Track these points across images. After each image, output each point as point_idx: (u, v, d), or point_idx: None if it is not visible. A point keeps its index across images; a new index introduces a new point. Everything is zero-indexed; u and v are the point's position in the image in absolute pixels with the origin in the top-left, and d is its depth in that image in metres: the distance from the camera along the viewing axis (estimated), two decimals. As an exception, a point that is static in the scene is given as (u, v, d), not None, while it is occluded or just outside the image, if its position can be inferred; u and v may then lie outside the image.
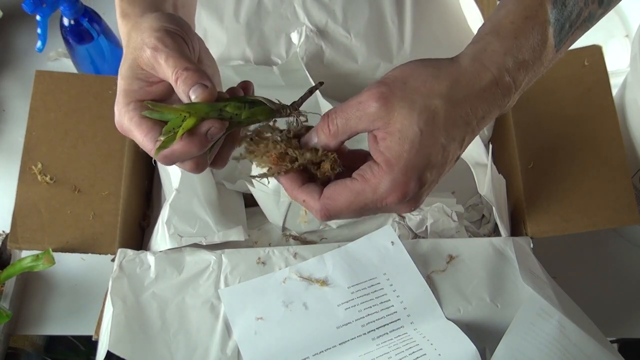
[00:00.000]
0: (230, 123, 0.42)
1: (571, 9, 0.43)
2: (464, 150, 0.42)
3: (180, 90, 0.41)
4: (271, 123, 0.44)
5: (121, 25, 0.48)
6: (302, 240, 0.70)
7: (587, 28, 0.46)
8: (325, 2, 0.73)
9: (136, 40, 0.43)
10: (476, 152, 0.66)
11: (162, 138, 0.41)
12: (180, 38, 0.43)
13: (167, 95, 0.46)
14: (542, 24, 0.41)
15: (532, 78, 0.43)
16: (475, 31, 0.70)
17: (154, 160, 0.44)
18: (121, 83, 0.45)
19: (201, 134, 0.41)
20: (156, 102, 0.44)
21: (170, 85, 0.44)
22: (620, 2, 0.93)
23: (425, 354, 0.53)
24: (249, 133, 0.45)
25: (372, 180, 0.40)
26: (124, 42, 0.47)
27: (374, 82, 0.41)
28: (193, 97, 0.41)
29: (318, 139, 0.42)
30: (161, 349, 0.57)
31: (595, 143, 0.66)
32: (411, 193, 0.40)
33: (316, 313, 0.58)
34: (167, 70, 0.42)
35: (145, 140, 0.43)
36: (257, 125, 0.44)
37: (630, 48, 0.85)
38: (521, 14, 0.41)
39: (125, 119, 0.44)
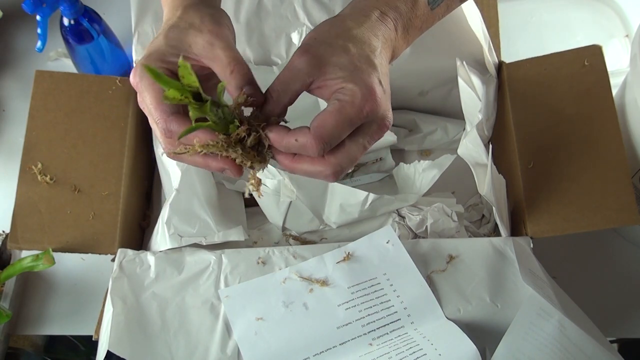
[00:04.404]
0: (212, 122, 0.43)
1: None
2: (389, 62, 0.49)
3: (233, 82, 0.45)
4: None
5: None
6: (302, 240, 0.70)
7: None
8: (325, 2, 0.73)
9: (194, 17, 0.47)
10: (476, 152, 0.66)
11: (166, 101, 0.41)
12: (233, 39, 0.48)
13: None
14: None
15: (409, 26, 0.50)
16: (475, 31, 0.70)
17: (155, 160, 0.45)
18: (162, 42, 0.47)
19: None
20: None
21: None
22: (621, 2, 0.94)
23: (425, 354, 0.53)
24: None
25: (346, 97, 0.44)
26: (171, 6, 0.50)
27: None
28: (247, 92, 0.45)
29: (265, 109, 0.46)
30: (161, 349, 0.57)
31: (595, 143, 0.66)
32: (381, 98, 0.45)
33: (316, 313, 0.58)
34: (223, 57, 0.45)
35: (154, 105, 0.45)
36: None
37: (630, 48, 0.85)
38: None
39: (145, 79, 0.45)
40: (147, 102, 0.46)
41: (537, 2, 0.93)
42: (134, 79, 0.46)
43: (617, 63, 0.86)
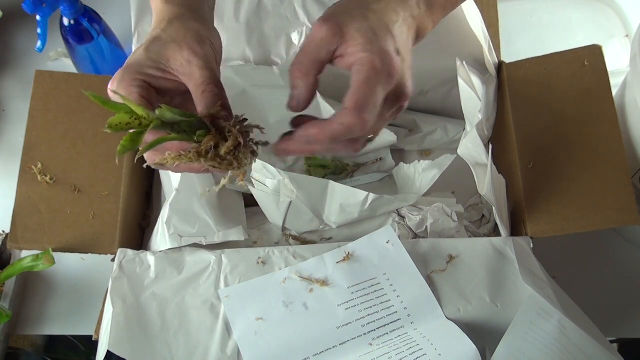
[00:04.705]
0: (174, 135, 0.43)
1: None
2: (411, 40, 0.49)
3: (202, 102, 0.45)
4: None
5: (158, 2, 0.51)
6: (302, 240, 0.70)
7: None
8: (325, 2, 0.73)
9: (178, 31, 0.47)
10: (476, 152, 0.66)
11: (108, 130, 0.41)
12: (215, 58, 0.48)
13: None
14: None
15: (433, 3, 0.50)
16: (475, 31, 0.70)
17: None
18: (142, 54, 0.47)
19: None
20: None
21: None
22: (621, 2, 0.94)
23: (425, 354, 0.53)
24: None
25: (367, 65, 0.43)
26: (158, 18, 0.50)
27: None
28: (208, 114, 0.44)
29: (294, 85, 0.45)
30: (161, 349, 0.57)
31: (595, 143, 0.66)
32: (399, 65, 0.45)
33: (316, 313, 0.58)
34: (198, 76, 0.45)
35: None
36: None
37: (630, 48, 0.85)
38: None
39: (122, 89, 0.45)
40: None
41: (537, 2, 0.93)
42: (112, 86, 0.46)
43: (617, 63, 0.86)
